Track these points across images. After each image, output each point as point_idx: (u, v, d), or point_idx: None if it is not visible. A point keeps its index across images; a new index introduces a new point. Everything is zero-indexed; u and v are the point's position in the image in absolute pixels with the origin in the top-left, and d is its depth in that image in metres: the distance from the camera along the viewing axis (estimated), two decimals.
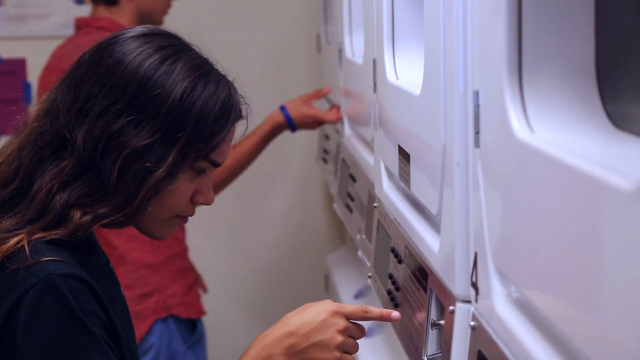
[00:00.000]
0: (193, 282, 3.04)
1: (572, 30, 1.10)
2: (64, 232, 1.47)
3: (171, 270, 2.94)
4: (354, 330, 1.56)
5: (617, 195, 0.85)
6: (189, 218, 1.59)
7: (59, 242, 1.48)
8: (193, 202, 1.57)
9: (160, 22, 2.95)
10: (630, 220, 0.83)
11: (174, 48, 1.54)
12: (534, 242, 1.10)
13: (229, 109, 1.54)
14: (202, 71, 1.53)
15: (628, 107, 1.09)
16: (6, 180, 1.52)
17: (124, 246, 2.88)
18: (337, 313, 1.55)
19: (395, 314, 1.59)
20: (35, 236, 1.46)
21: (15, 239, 1.45)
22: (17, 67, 3.70)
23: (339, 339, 1.54)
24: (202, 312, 3.04)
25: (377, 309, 1.59)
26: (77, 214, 1.48)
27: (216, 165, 1.55)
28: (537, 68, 1.14)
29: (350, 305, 1.57)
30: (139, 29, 1.57)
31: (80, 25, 2.98)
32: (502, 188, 1.23)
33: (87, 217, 1.48)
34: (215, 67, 1.57)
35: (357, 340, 1.58)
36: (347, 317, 1.55)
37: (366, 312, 1.57)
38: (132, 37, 1.54)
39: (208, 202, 1.58)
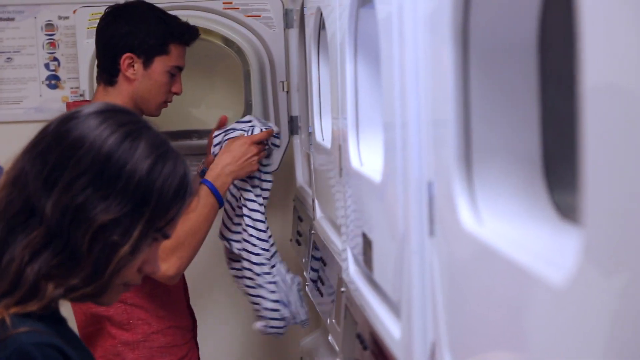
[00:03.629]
0: (178, 359, 3.00)
1: (517, 124, 1.12)
2: (39, 304, 1.50)
3: (149, 348, 2.91)
4: None
5: (550, 290, 0.86)
6: None
7: (30, 314, 1.49)
8: (140, 271, 1.61)
9: (154, 114, 2.93)
10: (562, 314, 0.84)
11: (135, 125, 1.59)
12: (484, 334, 1.11)
13: (184, 185, 1.59)
14: (163, 149, 1.59)
15: (575, 198, 1.10)
16: None
17: (104, 325, 2.89)
18: None
19: None
20: (11, 310, 1.48)
21: None
22: None
23: None
24: None
25: None
26: (50, 287, 1.50)
27: (167, 237, 1.61)
28: (486, 161, 1.16)
29: None
30: (99, 105, 1.61)
31: None
32: (454, 278, 1.24)
33: (60, 290, 1.51)
34: (172, 146, 1.63)
35: None
36: None
37: None
38: (93, 112, 1.58)
39: (155, 272, 1.63)
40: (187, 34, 2.92)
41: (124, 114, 1.61)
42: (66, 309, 1.69)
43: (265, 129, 2.98)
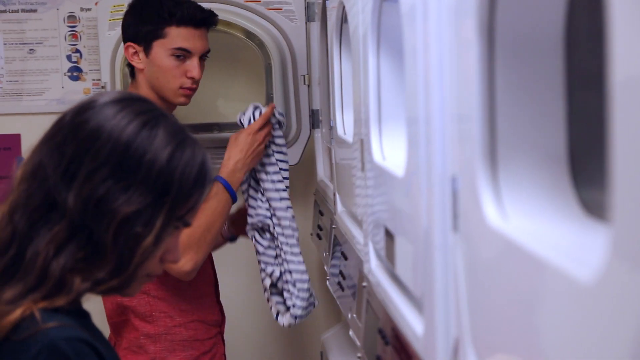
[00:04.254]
0: (202, 353, 3.01)
1: (543, 119, 1.11)
2: (67, 299, 1.49)
3: (170, 341, 2.92)
4: None
5: (578, 287, 0.85)
6: None
7: (58, 309, 1.48)
8: (162, 260, 1.59)
9: (176, 101, 2.90)
10: (590, 311, 0.83)
11: (152, 113, 1.57)
12: (509, 330, 1.10)
13: (203, 172, 1.57)
14: (181, 137, 1.57)
15: (601, 194, 1.09)
16: (4, 245, 1.52)
17: (127, 318, 2.91)
18: None
19: None
20: (40, 305, 1.47)
21: (20, 310, 1.46)
22: (11, 142, 3.72)
23: None
24: None
25: None
26: (77, 280, 1.49)
27: (188, 225, 1.59)
28: (512, 156, 1.15)
29: None
30: (114, 94, 1.59)
31: None
32: (478, 274, 1.23)
33: (87, 284, 1.50)
34: (189, 133, 1.61)
35: None
36: None
37: None
38: (109, 102, 1.55)
39: (176, 261, 1.61)
40: (179, 13, 2.87)
41: (140, 102, 1.59)
42: (96, 299, 1.69)
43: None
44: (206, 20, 2.93)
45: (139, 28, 2.87)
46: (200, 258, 2.77)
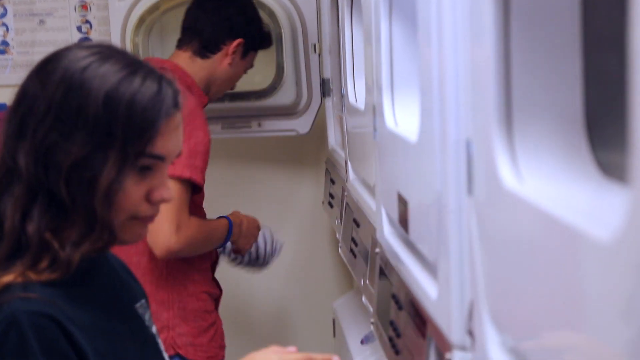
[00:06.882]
0: (209, 324, 3.01)
1: (559, 81, 1.10)
2: (60, 271, 1.45)
3: (183, 309, 2.93)
4: None
5: (597, 247, 0.85)
6: None
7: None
8: (150, 201, 1.51)
9: (219, 96, 3.12)
10: (610, 270, 0.83)
11: (104, 49, 1.51)
12: (524, 292, 1.10)
13: (158, 102, 1.48)
14: (129, 70, 1.48)
15: (619, 155, 1.09)
16: None
17: (141, 280, 2.92)
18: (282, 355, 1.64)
19: (336, 358, 1.65)
20: (31, 276, 1.43)
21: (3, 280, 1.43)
22: None
23: None
24: (212, 358, 3.01)
25: (319, 356, 1.66)
26: (54, 243, 1.45)
27: (160, 158, 1.50)
28: (527, 118, 1.15)
29: (293, 354, 1.66)
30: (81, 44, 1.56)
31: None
32: (494, 236, 1.23)
33: (69, 248, 1.45)
34: (148, 65, 1.53)
35: None
36: None
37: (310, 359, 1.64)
38: (71, 48, 1.52)
39: (165, 199, 1.52)
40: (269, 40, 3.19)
41: (114, 48, 1.54)
42: None
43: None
44: None
45: (257, 34, 3.07)
46: (187, 250, 2.83)
